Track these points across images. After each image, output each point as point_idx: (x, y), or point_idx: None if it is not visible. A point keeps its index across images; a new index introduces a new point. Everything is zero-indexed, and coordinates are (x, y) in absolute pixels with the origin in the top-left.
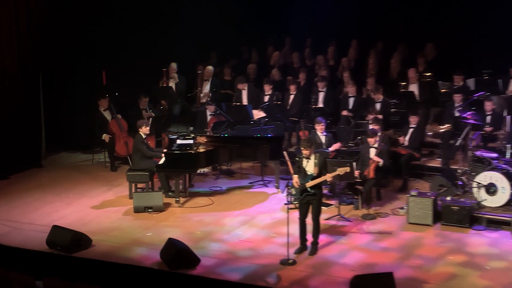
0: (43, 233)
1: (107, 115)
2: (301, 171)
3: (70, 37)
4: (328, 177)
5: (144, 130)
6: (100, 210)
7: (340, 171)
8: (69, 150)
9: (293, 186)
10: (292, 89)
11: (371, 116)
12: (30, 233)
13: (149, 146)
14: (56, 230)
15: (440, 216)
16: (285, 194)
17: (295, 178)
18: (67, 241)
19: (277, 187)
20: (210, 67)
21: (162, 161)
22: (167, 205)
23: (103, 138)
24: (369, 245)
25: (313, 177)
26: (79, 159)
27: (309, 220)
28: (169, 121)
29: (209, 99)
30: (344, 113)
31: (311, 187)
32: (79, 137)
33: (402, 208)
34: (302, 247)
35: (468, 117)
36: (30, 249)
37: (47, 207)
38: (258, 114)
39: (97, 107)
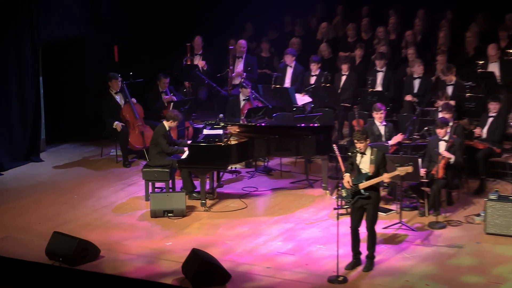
0: (42, 241)
1: (120, 99)
2: (354, 168)
3: (75, 3)
4: (385, 177)
5: (171, 124)
6: (110, 214)
7: (401, 171)
8: (73, 142)
9: (344, 187)
10: (345, 68)
11: (441, 102)
12: (26, 241)
13: (171, 139)
14: (58, 237)
15: None
16: (334, 197)
17: (347, 178)
18: (71, 251)
19: (325, 188)
20: (244, 42)
21: (185, 155)
22: (191, 209)
23: (114, 126)
24: (437, 260)
25: (368, 177)
26: (85, 152)
27: (363, 228)
28: (194, 107)
29: (242, 80)
30: (408, 98)
31: (366, 189)
32: (85, 125)
33: (478, 215)
34: (355, 262)
35: None
36: (26, 260)
37: (46, 209)
38: (302, 98)
39: (108, 90)
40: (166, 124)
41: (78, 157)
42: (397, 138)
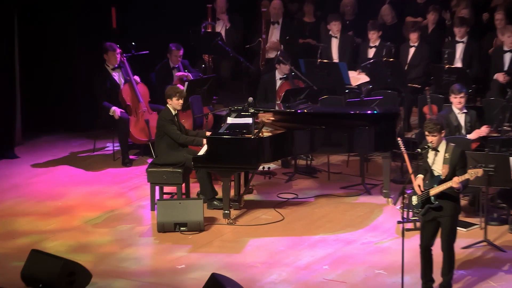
0: (17, 262)
1: (118, 77)
2: (425, 170)
3: None
4: (454, 182)
5: (174, 103)
6: (105, 227)
7: (471, 173)
8: (57, 133)
9: (413, 194)
10: (413, 38)
11: None
12: None
13: (182, 127)
14: (37, 257)
15: None
16: (399, 206)
17: (419, 180)
18: (54, 274)
19: (387, 195)
20: (280, 3)
21: (203, 150)
22: (211, 222)
23: (111, 113)
24: None
25: (440, 181)
26: (73, 146)
27: (437, 248)
28: (216, 88)
29: (279, 53)
30: (498, 77)
31: (438, 197)
32: (73, 112)
33: None
34: None
35: None
36: None
37: (23, 220)
38: (357, 77)
39: (103, 65)
40: (170, 105)
41: (64, 152)
42: (482, 130)
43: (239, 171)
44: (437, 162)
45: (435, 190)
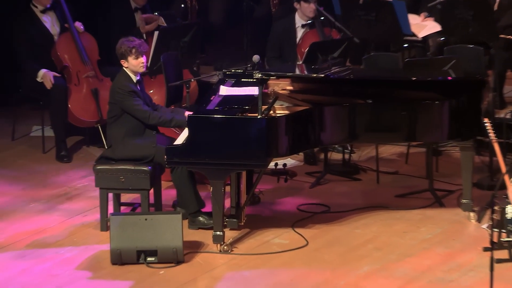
0: None
1: (51, 23)
2: None
3: None
4: None
5: (133, 65)
6: (29, 259)
7: None
8: None
9: (508, 204)
10: None
11: None
12: None
13: (149, 100)
14: None
15: None
16: (486, 225)
17: None
18: None
19: (468, 208)
20: None
21: (182, 138)
22: (194, 248)
23: (39, 79)
24: None
25: None
26: None
27: None
28: (201, 41)
29: None
30: None
31: None
32: None
33: None
34: None
35: None
36: None
37: None
38: (422, 24)
39: (28, 5)
40: (128, 67)
41: None
42: None
43: (238, 170)
44: None
45: None
